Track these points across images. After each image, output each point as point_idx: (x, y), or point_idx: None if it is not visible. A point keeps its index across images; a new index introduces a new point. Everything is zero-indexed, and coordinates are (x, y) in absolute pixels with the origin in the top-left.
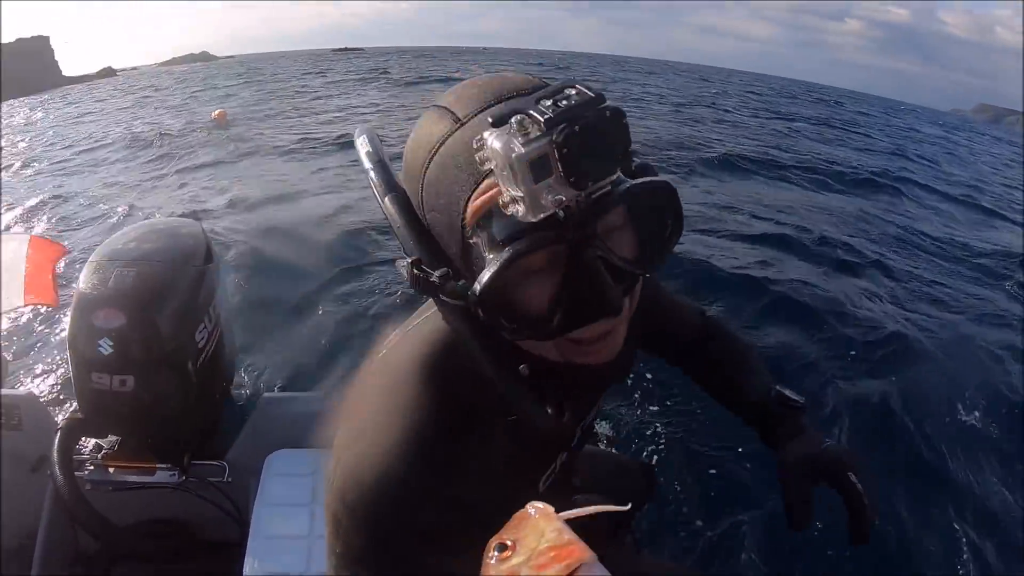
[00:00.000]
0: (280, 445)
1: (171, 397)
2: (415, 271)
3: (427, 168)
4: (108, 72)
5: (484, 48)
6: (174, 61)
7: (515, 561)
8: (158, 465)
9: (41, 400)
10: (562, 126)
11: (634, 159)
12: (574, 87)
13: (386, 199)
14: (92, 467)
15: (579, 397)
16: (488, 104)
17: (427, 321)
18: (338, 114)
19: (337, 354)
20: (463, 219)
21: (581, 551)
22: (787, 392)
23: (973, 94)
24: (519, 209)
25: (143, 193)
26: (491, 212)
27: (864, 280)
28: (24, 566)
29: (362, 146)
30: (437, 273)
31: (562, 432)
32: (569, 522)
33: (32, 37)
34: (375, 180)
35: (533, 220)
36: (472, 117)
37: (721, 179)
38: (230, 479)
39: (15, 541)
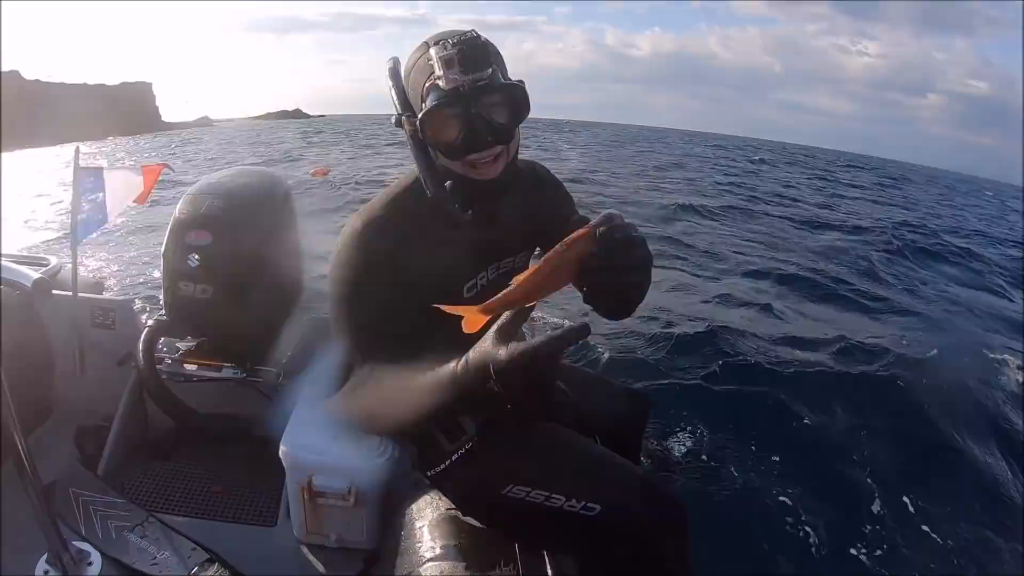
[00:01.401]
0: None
1: (242, 308)
2: (399, 117)
3: (411, 69)
4: (205, 121)
5: (567, 120)
6: (268, 116)
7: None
8: (225, 364)
9: (133, 308)
10: (459, 47)
11: (511, 79)
12: (473, 31)
13: (391, 89)
14: (170, 362)
15: (483, 204)
16: (437, 41)
17: (398, 179)
18: None
19: None
20: (423, 91)
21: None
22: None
23: None
24: (441, 83)
25: None
26: (432, 88)
27: None
28: (99, 444)
29: (387, 64)
30: (405, 115)
31: (481, 243)
32: None
33: (136, 82)
34: (389, 80)
35: (446, 89)
36: (430, 47)
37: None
38: (283, 381)
39: (94, 422)
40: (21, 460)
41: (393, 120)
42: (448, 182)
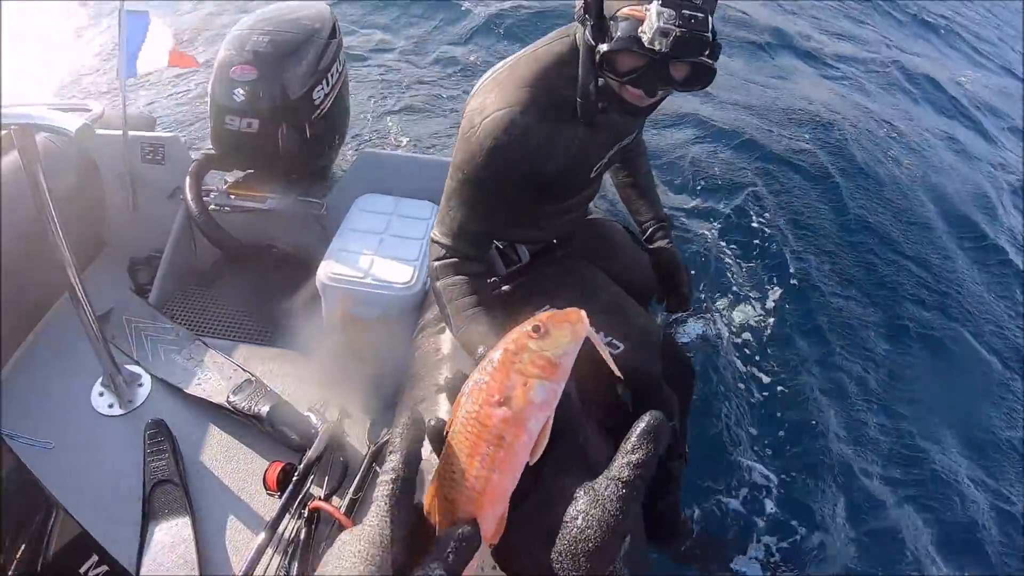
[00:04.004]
0: (371, 191)
1: (287, 142)
2: (583, 17)
3: None
4: None
5: None
6: None
7: (534, 346)
8: (270, 195)
9: (182, 142)
10: (684, 28)
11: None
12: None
13: None
14: (217, 194)
15: (621, 116)
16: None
17: (550, 43)
18: None
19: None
20: (619, 16)
21: (560, 377)
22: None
23: None
24: (644, 38)
25: None
26: (630, 18)
27: None
28: (151, 274)
29: None
30: (588, 19)
31: (614, 132)
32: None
33: None
34: None
35: (646, 44)
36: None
37: None
38: (326, 212)
39: (146, 253)
40: (75, 292)
41: (577, 16)
42: (601, 82)
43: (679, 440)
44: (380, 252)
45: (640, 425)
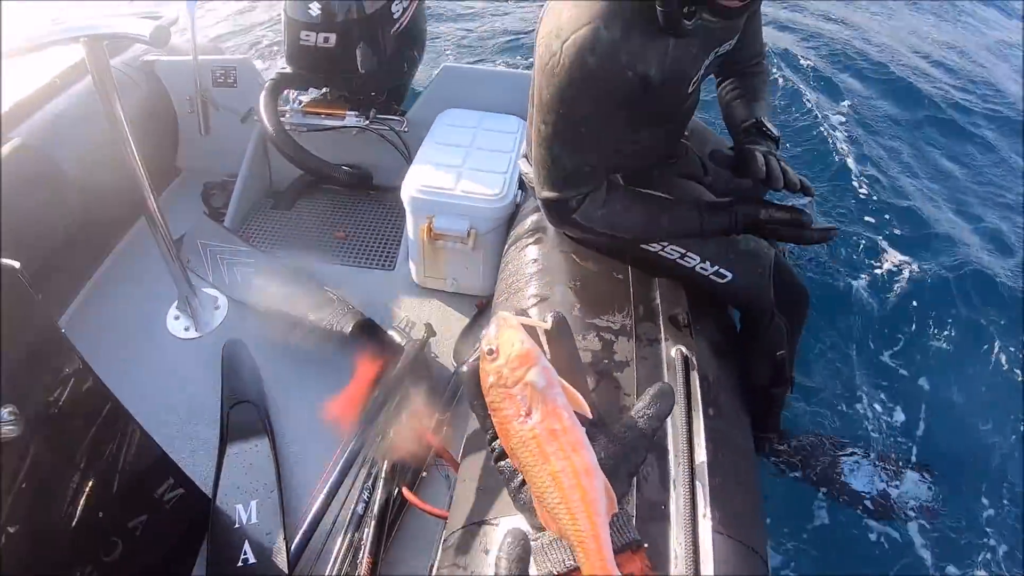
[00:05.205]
0: (454, 107)
1: (365, 56)
2: None
3: None
4: None
5: None
6: None
7: (501, 361)
8: (348, 112)
9: (254, 64)
10: None
11: None
12: None
13: None
14: (291, 113)
15: (716, 20)
16: None
17: None
18: None
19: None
20: None
21: (535, 357)
22: (765, 121)
23: None
24: None
25: None
26: None
27: None
28: (226, 199)
29: None
30: None
31: (708, 39)
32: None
33: None
34: None
35: None
36: None
37: None
38: (407, 129)
39: (219, 178)
40: (152, 215)
41: None
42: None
43: (783, 368)
44: (467, 165)
45: (651, 391)
